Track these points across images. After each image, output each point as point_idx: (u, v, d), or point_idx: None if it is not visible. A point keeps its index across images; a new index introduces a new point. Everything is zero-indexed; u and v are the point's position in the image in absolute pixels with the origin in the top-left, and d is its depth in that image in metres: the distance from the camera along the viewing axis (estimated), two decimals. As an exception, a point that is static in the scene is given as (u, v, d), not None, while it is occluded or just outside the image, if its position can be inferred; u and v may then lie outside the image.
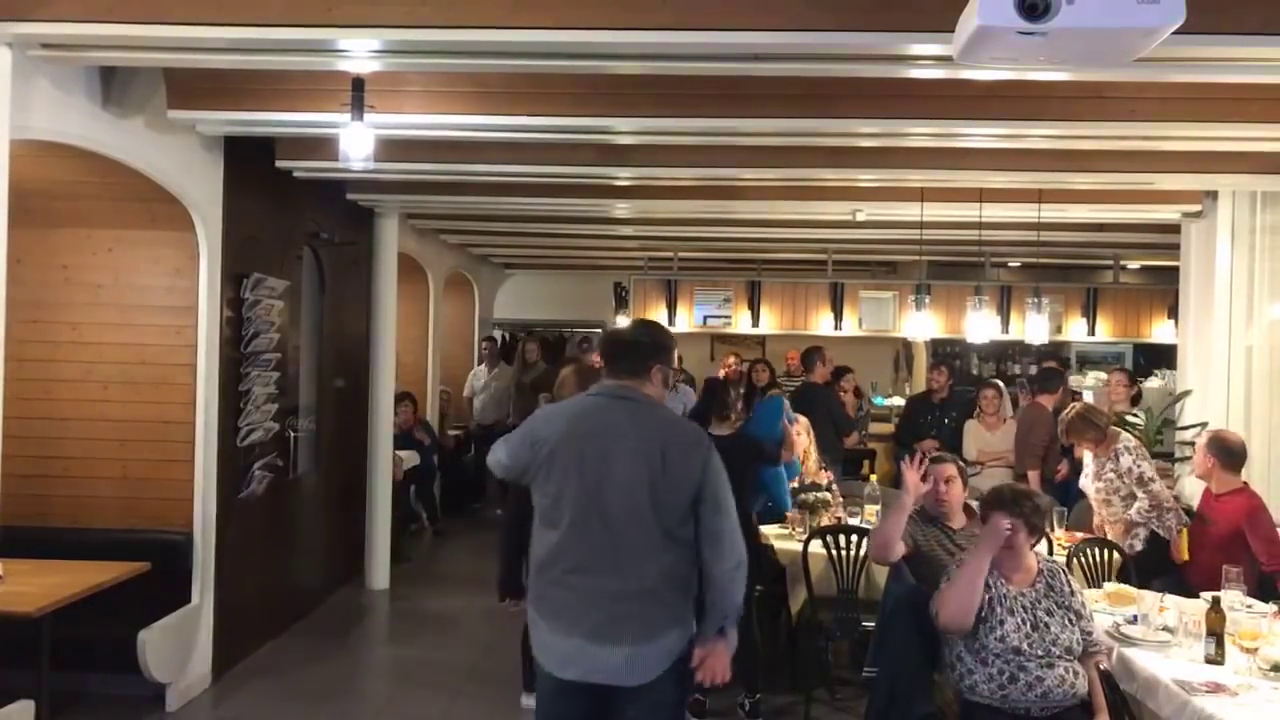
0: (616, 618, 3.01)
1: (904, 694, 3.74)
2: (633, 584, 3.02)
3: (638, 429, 3.10)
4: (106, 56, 4.12)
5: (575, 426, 3.13)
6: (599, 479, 3.04)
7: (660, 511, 3.03)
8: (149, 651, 4.90)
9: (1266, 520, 4.93)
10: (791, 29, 3.35)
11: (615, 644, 3.01)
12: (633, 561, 3.03)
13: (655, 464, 3.04)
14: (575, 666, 3.06)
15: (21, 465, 4.55)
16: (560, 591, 3.08)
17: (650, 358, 3.22)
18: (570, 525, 3.06)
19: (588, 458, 3.06)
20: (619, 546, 3.04)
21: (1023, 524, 3.66)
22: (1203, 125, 4.57)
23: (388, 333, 8.01)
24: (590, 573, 3.05)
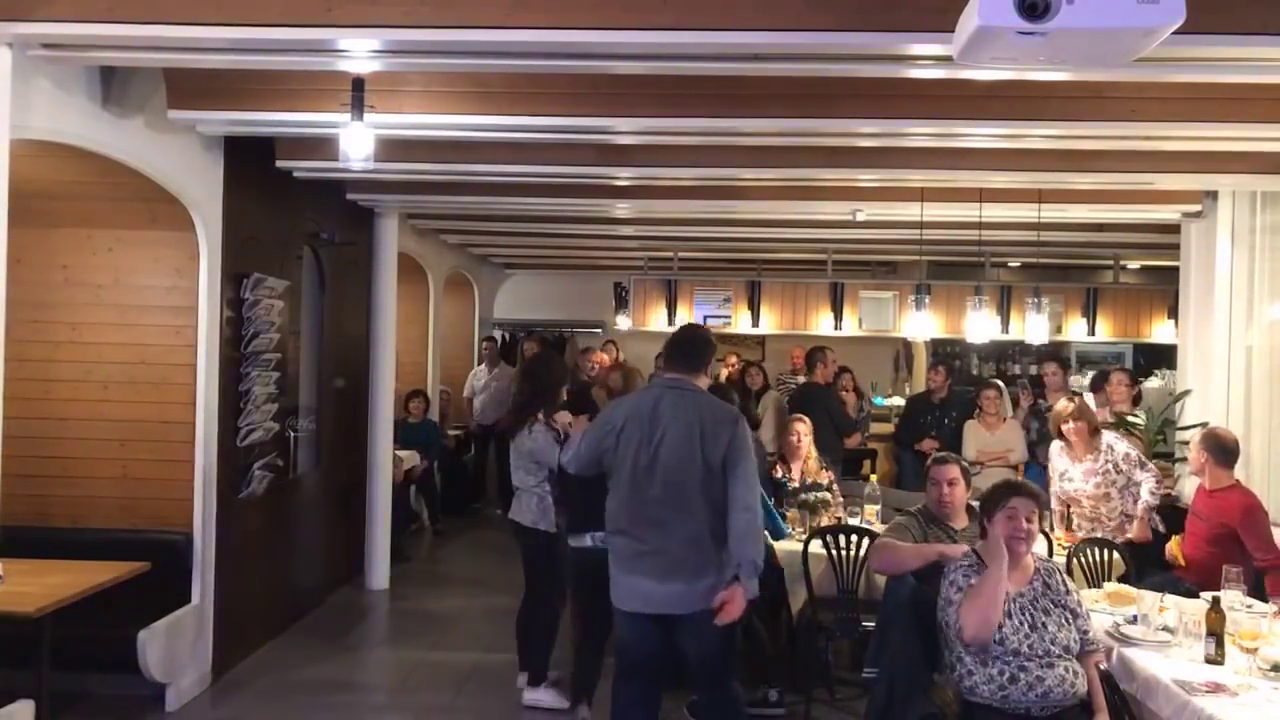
0: (671, 563, 3.82)
1: (904, 694, 3.74)
2: (679, 534, 3.82)
3: (685, 411, 3.90)
4: (106, 56, 4.12)
5: (636, 413, 3.96)
6: (655, 453, 3.85)
7: (701, 478, 3.81)
8: (149, 651, 4.91)
9: (1263, 519, 4.95)
10: (791, 29, 3.35)
11: (670, 582, 3.82)
12: (681, 519, 3.82)
13: (696, 437, 3.83)
14: (638, 601, 3.89)
15: (21, 465, 4.55)
16: (626, 543, 3.92)
17: (698, 355, 4.13)
18: (632, 491, 3.89)
19: (646, 437, 3.88)
20: (670, 508, 3.83)
21: (1038, 511, 3.68)
22: (1203, 125, 4.57)
23: (388, 333, 8.01)
24: (649, 528, 3.86)
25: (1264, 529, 4.90)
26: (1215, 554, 4.89)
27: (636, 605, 3.92)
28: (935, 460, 4.51)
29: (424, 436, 9.55)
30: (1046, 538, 5.37)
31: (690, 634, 3.87)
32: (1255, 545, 4.79)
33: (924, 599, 3.84)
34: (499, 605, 7.32)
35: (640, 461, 3.88)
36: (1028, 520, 3.66)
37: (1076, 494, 5.72)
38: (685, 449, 3.83)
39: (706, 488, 3.82)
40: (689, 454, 3.83)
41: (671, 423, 3.88)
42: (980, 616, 3.53)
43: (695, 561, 3.82)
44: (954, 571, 3.72)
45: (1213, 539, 4.96)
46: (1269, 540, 4.84)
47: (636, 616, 3.93)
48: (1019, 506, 3.68)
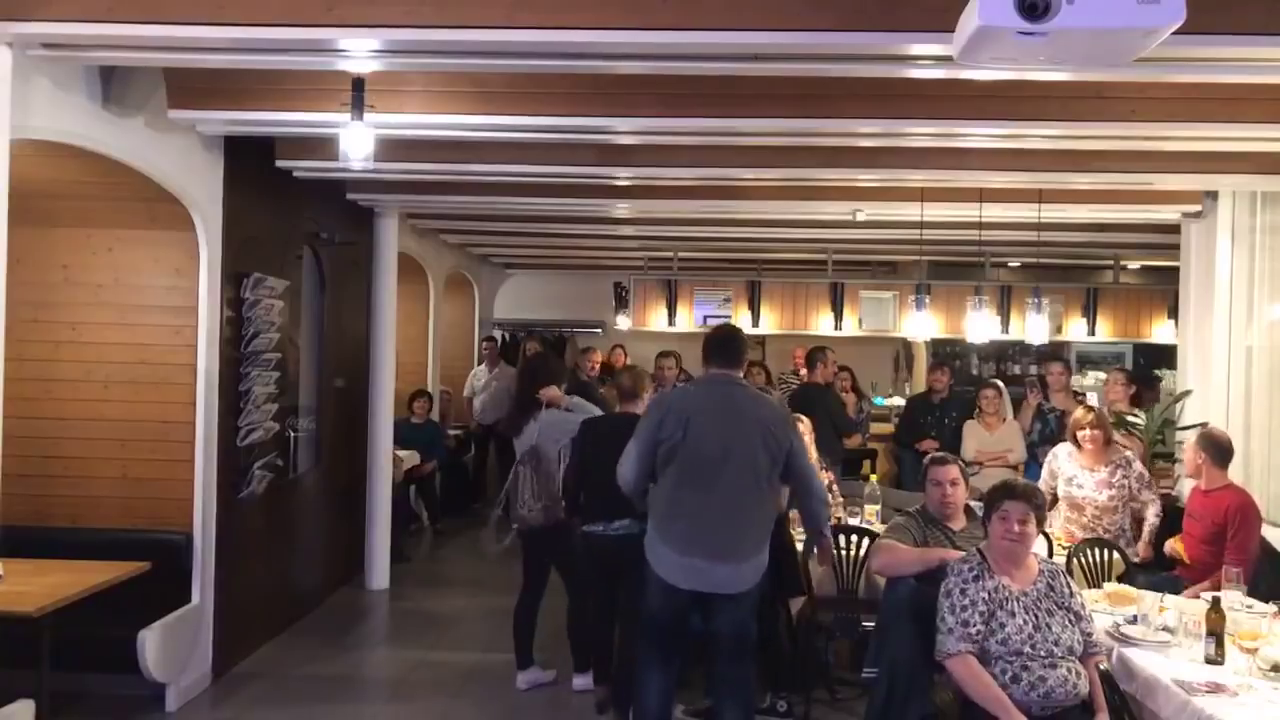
0: (727, 543, 4.13)
1: (903, 694, 3.74)
2: (739, 521, 4.15)
3: (747, 407, 4.26)
4: (106, 56, 4.13)
5: (706, 406, 4.25)
6: (728, 444, 4.14)
7: (761, 469, 4.16)
8: (149, 651, 4.91)
9: (1255, 520, 5.00)
10: (791, 29, 3.35)
11: (725, 563, 4.13)
12: (739, 505, 4.15)
13: (765, 431, 4.18)
14: (692, 579, 4.13)
15: (21, 465, 4.55)
16: (685, 526, 4.15)
17: (743, 353, 4.48)
18: (697, 478, 4.13)
19: (711, 427, 4.16)
20: (730, 493, 4.13)
21: (1033, 515, 3.67)
22: (1203, 125, 4.57)
23: (388, 333, 8.01)
24: (708, 512, 4.13)
25: (1253, 530, 4.96)
26: (1212, 552, 4.93)
27: (692, 584, 4.16)
28: (934, 460, 4.50)
29: (427, 438, 9.54)
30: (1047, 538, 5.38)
31: (729, 611, 4.19)
32: (1238, 543, 4.84)
33: (924, 599, 3.84)
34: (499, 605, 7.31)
35: (712, 455, 4.14)
36: (1020, 523, 3.66)
37: (1083, 501, 5.69)
38: (755, 441, 4.17)
39: (768, 478, 4.20)
40: (758, 446, 4.17)
41: (743, 420, 4.21)
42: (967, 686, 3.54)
43: (749, 545, 4.19)
44: (954, 575, 3.71)
45: (1209, 538, 5.00)
46: (1252, 543, 4.92)
47: (679, 593, 4.18)
48: (1010, 510, 3.69)
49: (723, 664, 4.30)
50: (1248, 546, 4.87)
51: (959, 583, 3.66)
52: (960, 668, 3.55)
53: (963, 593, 3.63)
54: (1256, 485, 6.18)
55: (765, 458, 4.17)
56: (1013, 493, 3.75)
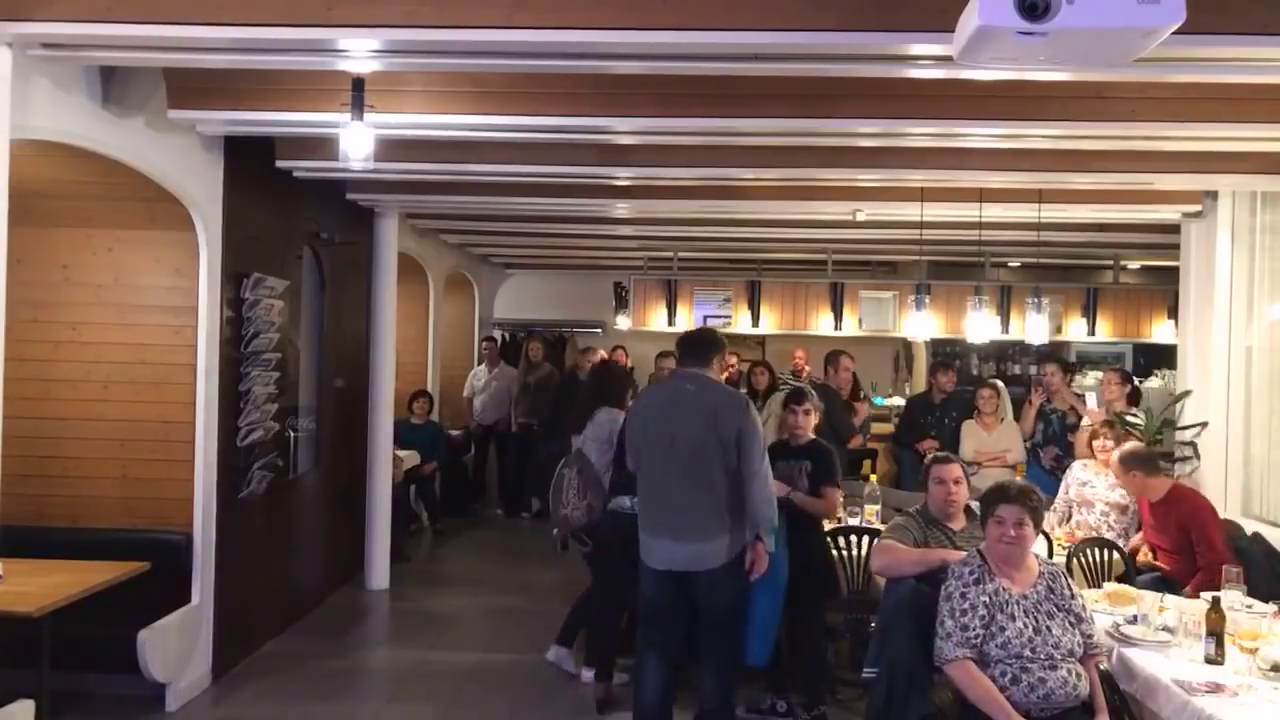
0: (688, 523, 4.42)
1: (903, 694, 3.74)
2: (699, 505, 4.42)
3: (699, 397, 4.50)
4: (106, 56, 4.12)
5: (657, 403, 4.69)
6: (675, 434, 4.45)
7: (710, 452, 4.39)
8: (149, 651, 4.91)
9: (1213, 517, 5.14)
10: (791, 29, 3.35)
11: (688, 544, 4.43)
12: (699, 490, 4.42)
13: (711, 419, 4.41)
14: (664, 560, 4.48)
15: (21, 465, 4.54)
16: (653, 512, 4.53)
17: (708, 349, 4.68)
18: (659, 468, 4.50)
19: (667, 421, 4.50)
20: (689, 480, 4.42)
21: (1029, 517, 3.67)
22: (1203, 125, 4.57)
23: (388, 333, 8.01)
24: (672, 498, 4.46)
25: (1214, 528, 5.04)
26: (1188, 556, 5.02)
27: (662, 563, 4.51)
28: (937, 460, 4.50)
29: (427, 438, 9.53)
30: (1047, 538, 5.39)
31: (703, 587, 4.46)
32: (1205, 547, 4.91)
33: (923, 599, 3.84)
34: (499, 605, 7.34)
35: (664, 442, 4.48)
36: (1015, 526, 3.66)
37: (1093, 498, 5.80)
38: (701, 429, 4.42)
39: (722, 462, 4.40)
40: (705, 433, 4.41)
41: (688, 408, 4.49)
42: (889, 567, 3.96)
43: (710, 526, 4.43)
44: (955, 578, 3.71)
45: (1179, 547, 5.08)
46: (1219, 538, 4.99)
47: (661, 573, 4.52)
48: (1005, 514, 3.69)
49: (704, 635, 4.56)
50: (1216, 544, 4.94)
51: (959, 586, 3.66)
52: (959, 673, 3.55)
53: (963, 596, 3.63)
54: (1257, 485, 6.19)
55: (714, 440, 4.39)
56: (1006, 495, 3.75)
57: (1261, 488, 6.14)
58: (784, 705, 5.12)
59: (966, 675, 3.54)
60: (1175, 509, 5.11)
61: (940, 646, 3.61)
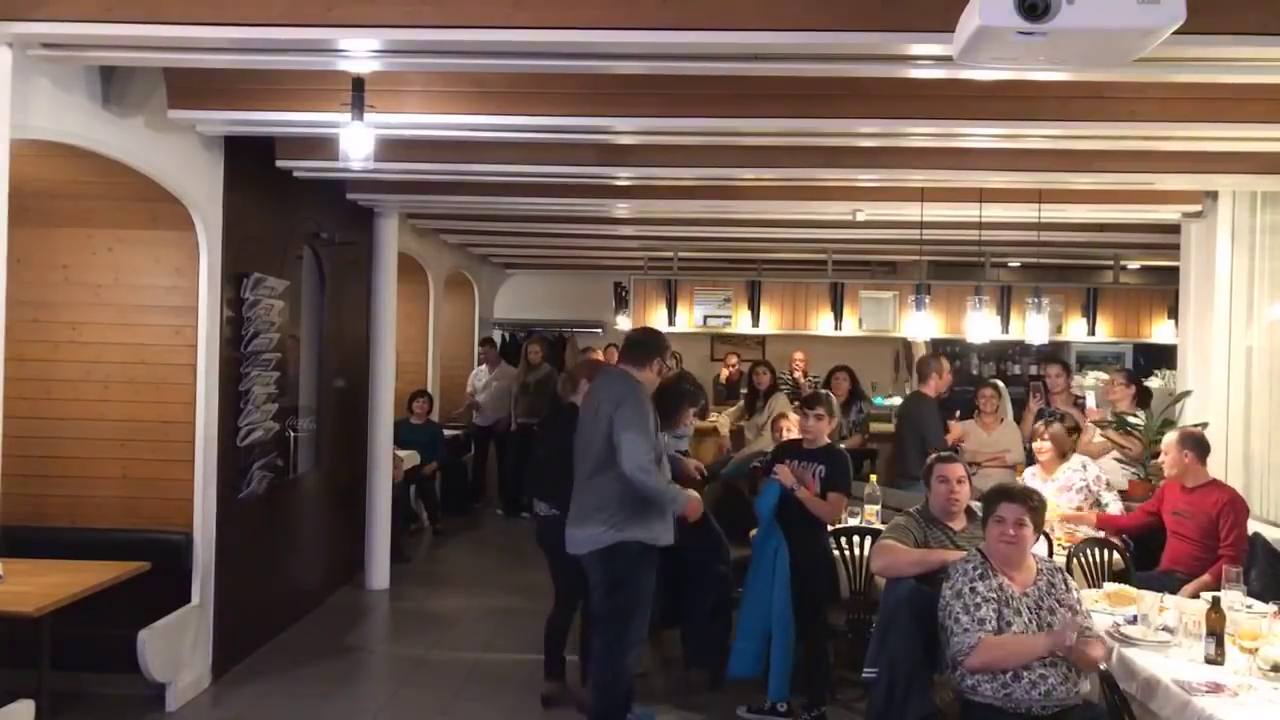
0: (580, 514, 4.71)
1: (903, 694, 3.74)
2: (589, 492, 4.67)
3: (597, 392, 4.78)
4: (106, 56, 4.12)
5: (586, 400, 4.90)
6: (582, 428, 4.76)
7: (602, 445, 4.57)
8: (149, 651, 4.90)
9: (1245, 514, 5.17)
10: (791, 29, 3.35)
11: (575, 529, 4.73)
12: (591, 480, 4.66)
13: (604, 413, 4.60)
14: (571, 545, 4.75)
15: (21, 465, 4.55)
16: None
17: (647, 353, 4.81)
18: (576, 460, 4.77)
19: (584, 416, 4.80)
20: (585, 470, 4.69)
21: (1029, 517, 3.67)
22: (1203, 125, 4.57)
23: (388, 333, 8.01)
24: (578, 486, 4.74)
25: (1245, 525, 5.12)
26: (1205, 547, 5.07)
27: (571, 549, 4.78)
28: (940, 459, 4.50)
29: (427, 438, 9.53)
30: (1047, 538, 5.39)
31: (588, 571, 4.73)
32: (1234, 539, 4.98)
33: (923, 598, 3.84)
34: (499, 605, 7.34)
35: (579, 435, 4.78)
36: (1015, 525, 3.66)
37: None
38: (594, 423, 4.67)
39: (606, 452, 4.56)
40: (595, 427, 4.65)
41: (591, 403, 4.78)
42: (995, 663, 3.53)
43: (593, 514, 4.65)
44: (959, 575, 3.71)
45: (1201, 534, 5.12)
46: (1243, 534, 5.07)
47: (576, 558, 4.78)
48: (1006, 514, 3.70)
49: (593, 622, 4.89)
50: (1242, 543, 5.00)
51: (966, 582, 3.66)
52: (984, 651, 3.53)
53: (973, 591, 3.63)
54: (1256, 485, 6.19)
55: (604, 435, 4.58)
56: (1009, 495, 3.76)
57: (1261, 488, 6.14)
58: (784, 705, 5.12)
59: (992, 647, 3.53)
60: (1209, 496, 5.16)
61: (958, 642, 3.59)
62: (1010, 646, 3.54)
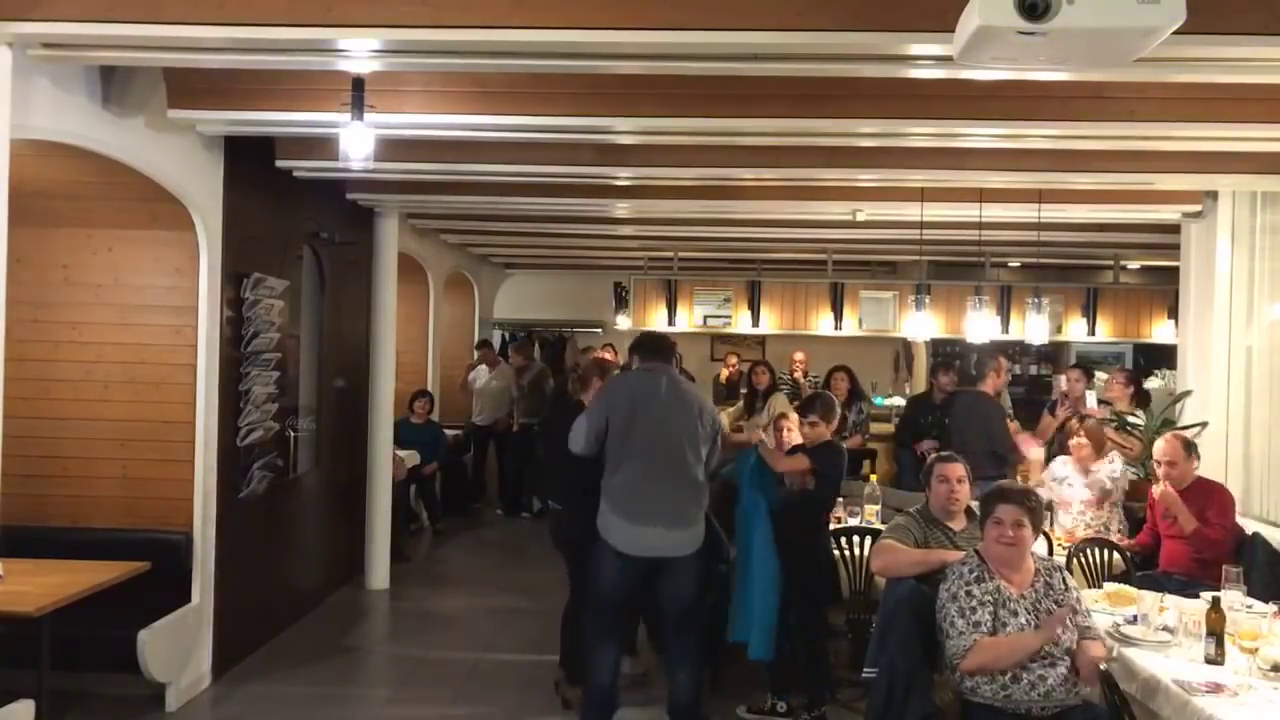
0: (680, 510, 4.64)
1: (903, 694, 3.73)
2: (685, 490, 4.65)
3: (683, 390, 4.80)
4: (106, 56, 4.12)
5: (647, 391, 4.72)
6: (665, 422, 4.65)
7: (696, 444, 4.67)
8: (149, 651, 4.90)
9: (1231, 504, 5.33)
10: (791, 29, 3.35)
11: (677, 529, 4.62)
12: (684, 476, 4.65)
13: (695, 411, 4.72)
14: (649, 547, 4.59)
15: (21, 465, 4.54)
16: (639, 498, 4.59)
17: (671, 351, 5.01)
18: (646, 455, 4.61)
19: (658, 409, 4.66)
20: (676, 467, 4.63)
21: (1028, 518, 3.67)
22: (1203, 125, 4.57)
23: (388, 333, 8.01)
24: (661, 483, 4.61)
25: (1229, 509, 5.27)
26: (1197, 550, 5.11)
27: (646, 550, 4.61)
28: (940, 459, 4.49)
29: (428, 438, 9.53)
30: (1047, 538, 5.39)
31: (679, 573, 4.66)
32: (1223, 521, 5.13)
33: (923, 598, 3.84)
34: (499, 605, 7.34)
35: (652, 430, 4.63)
36: (1014, 526, 3.66)
37: (1070, 498, 5.89)
38: (689, 420, 4.68)
39: (698, 452, 4.68)
40: (691, 424, 4.68)
41: (675, 398, 4.72)
42: (990, 665, 3.53)
43: (693, 511, 4.68)
44: (955, 578, 3.71)
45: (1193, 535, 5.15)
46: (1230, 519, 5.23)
47: (635, 562, 4.61)
48: (1004, 515, 3.70)
49: (676, 627, 4.75)
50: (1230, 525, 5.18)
51: (962, 585, 3.66)
52: (979, 653, 3.53)
53: (968, 595, 3.63)
54: (1257, 485, 6.19)
55: (697, 433, 4.69)
56: (1005, 496, 3.76)
57: (1261, 488, 6.14)
58: (784, 705, 5.12)
59: (986, 648, 3.53)
60: (1199, 494, 5.22)
61: (953, 645, 3.59)
62: (1004, 646, 3.54)
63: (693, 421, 4.69)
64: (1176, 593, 4.47)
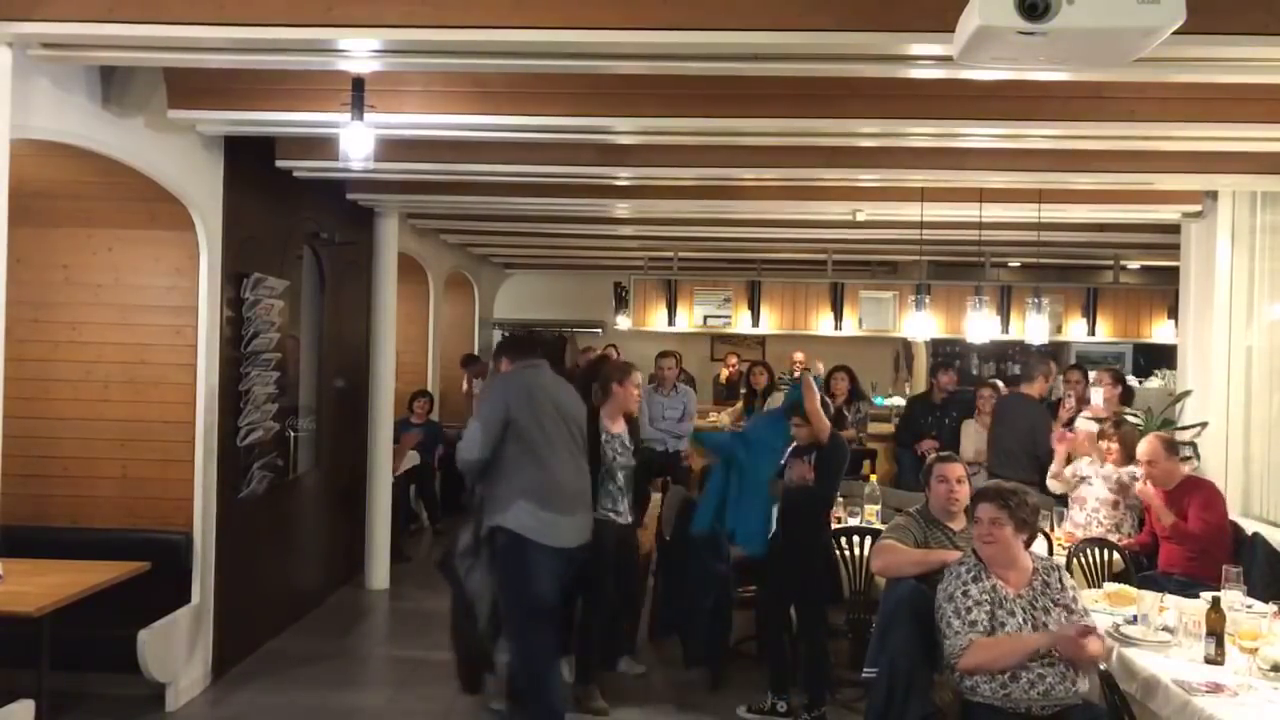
0: (586, 497, 4.91)
1: (903, 694, 3.74)
2: (585, 476, 4.91)
3: (564, 384, 5.04)
4: (106, 56, 4.12)
5: (540, 387, 4.80)
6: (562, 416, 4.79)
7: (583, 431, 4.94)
8: (149, 651, 4.90)
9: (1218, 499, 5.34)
10: (791, 29, 3.35)
11: (589, 513, 4.91)
12: (583, 462, 4.91)
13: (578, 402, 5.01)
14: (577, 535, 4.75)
15: (21, 465, 4.54)
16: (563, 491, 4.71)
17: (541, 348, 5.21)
18: (557, 446, 4.72)
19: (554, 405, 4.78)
20: (578, 454, 4.87)
21: (1007, 517, 3.65)
22: (1203, 125, 4.57)
23: (388, 333, 8.01)
24: (574, 471, 4.81)
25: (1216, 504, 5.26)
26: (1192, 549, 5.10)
27: (576, 540, 4.74)
28: (940, 459, 4.50)
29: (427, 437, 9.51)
30: (1046, 538, 5.39)
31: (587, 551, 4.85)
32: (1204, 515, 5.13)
33: (923, 598, 3.84)
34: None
35: (556, 421, 4.76)
36: (990, 525, 3.67)
37: (1087, 494, 5.85)
38: (578, 411, 4.93)
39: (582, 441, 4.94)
40: (579, 414, 4.93)
41: (563, 392, 4.93)
42: (987, 664, 3.53)
43: (589, 495, 4.96)
44: (953, 577, 3.71)
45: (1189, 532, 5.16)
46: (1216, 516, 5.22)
47: (566, 553, 4.69)
48: (982, 514, 3.72)
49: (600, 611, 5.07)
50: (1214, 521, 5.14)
51: (959, 585, 3.66)
52: (976, 653, 3.53)
53: (965, 595, 3.63)
54: (1256, 485, 6.19)
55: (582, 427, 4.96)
56: (983, 495, 3.78)
57: (1261, 488, 6.14)
58: (784, 705, 5.12)
59: (982, 649, 3.53)
60: (1186, 491, 5.24)
61: (950, 645, 3.59)
62: (1004, 647, 3.54)
63: (577, 409, 4.93)
64: (1176, 593, 4.46)
